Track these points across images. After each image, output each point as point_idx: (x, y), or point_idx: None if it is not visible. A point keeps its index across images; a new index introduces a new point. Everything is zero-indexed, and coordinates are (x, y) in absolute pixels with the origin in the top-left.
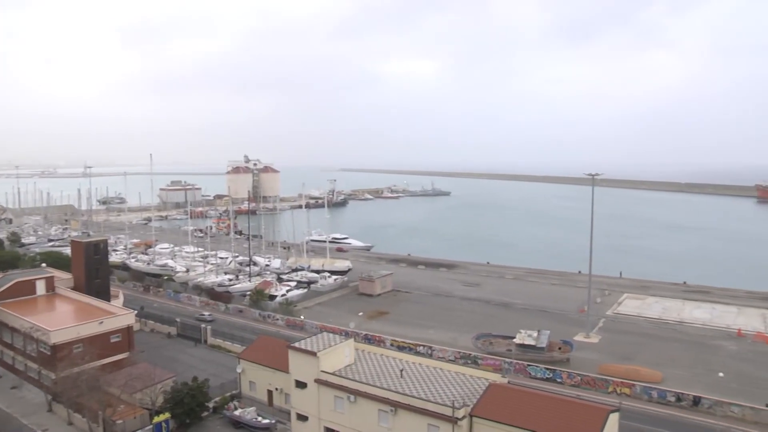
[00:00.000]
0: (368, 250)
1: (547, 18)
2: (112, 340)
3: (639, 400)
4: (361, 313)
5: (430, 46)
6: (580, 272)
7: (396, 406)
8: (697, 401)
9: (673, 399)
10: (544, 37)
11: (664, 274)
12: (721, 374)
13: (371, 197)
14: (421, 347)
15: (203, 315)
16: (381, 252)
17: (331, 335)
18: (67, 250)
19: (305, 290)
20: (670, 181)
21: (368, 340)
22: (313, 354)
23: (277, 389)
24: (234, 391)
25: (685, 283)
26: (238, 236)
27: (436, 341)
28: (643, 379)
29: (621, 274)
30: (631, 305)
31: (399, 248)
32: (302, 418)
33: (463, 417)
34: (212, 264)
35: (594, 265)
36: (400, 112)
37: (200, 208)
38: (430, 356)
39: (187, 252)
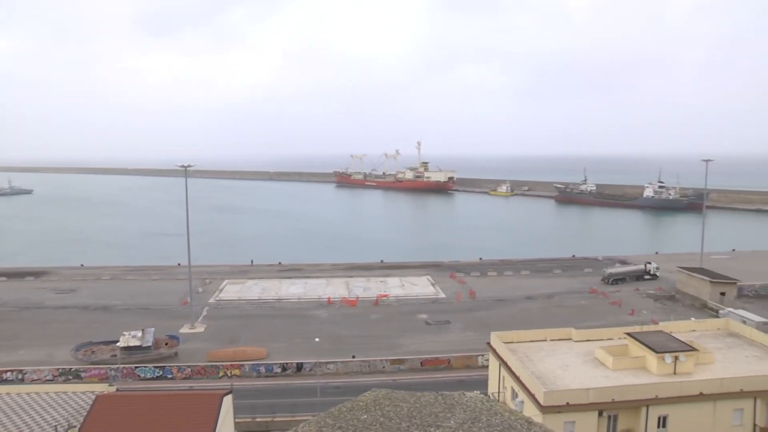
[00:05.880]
0: None
1: (129, 8)
2: None
3: (249, 378)
4: None
5: (5, 21)
6: (179, 264)
7: None
8: (300, 367)
9: (279, 370)
10: (126, 27)
11: (260, 257)
12: (317, 339)
13: None
14: (9, 373)
15: None
16: None
17: None
18: None
19: None
20: (259, 170)
21: None
22: None
23: None
24: None
25: (280, 263)
26: None
27: (28, 362)
28: (250, 358)
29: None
30: (232, 290)
31: None
32: None
33: None
34: None
35: (193, 255)
36: None
37: None
38: (22, 381)
39: None
